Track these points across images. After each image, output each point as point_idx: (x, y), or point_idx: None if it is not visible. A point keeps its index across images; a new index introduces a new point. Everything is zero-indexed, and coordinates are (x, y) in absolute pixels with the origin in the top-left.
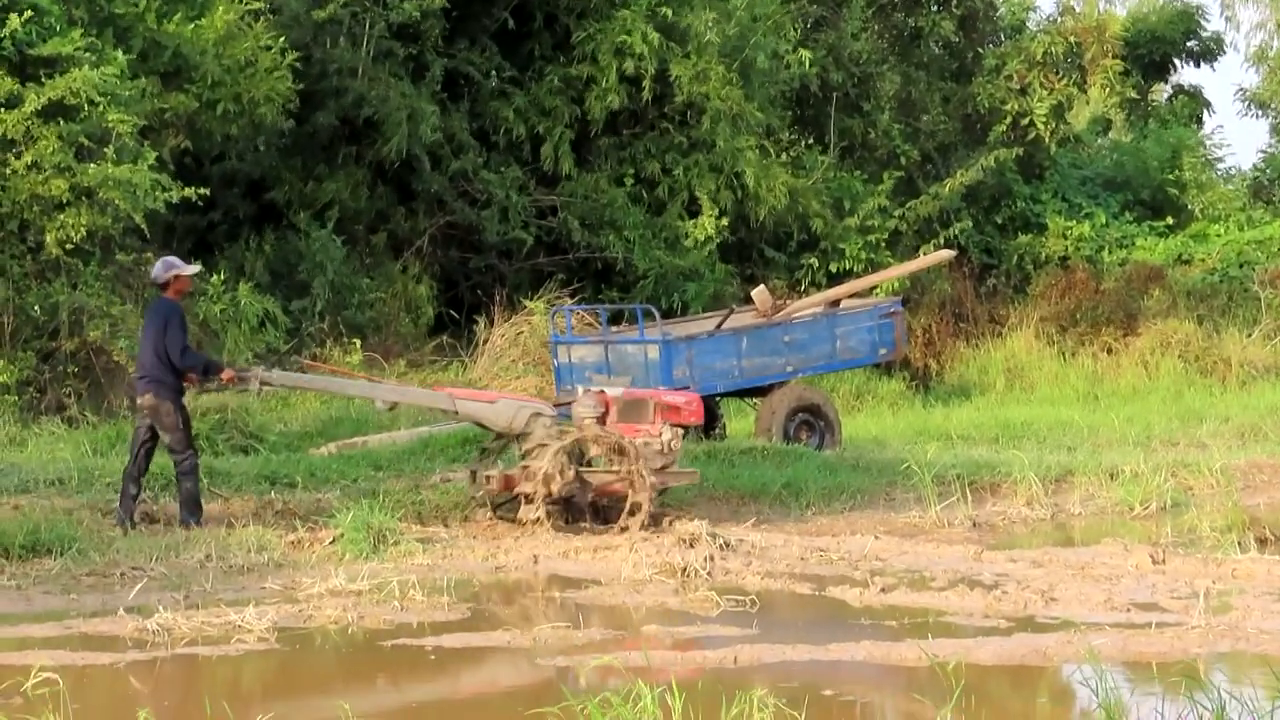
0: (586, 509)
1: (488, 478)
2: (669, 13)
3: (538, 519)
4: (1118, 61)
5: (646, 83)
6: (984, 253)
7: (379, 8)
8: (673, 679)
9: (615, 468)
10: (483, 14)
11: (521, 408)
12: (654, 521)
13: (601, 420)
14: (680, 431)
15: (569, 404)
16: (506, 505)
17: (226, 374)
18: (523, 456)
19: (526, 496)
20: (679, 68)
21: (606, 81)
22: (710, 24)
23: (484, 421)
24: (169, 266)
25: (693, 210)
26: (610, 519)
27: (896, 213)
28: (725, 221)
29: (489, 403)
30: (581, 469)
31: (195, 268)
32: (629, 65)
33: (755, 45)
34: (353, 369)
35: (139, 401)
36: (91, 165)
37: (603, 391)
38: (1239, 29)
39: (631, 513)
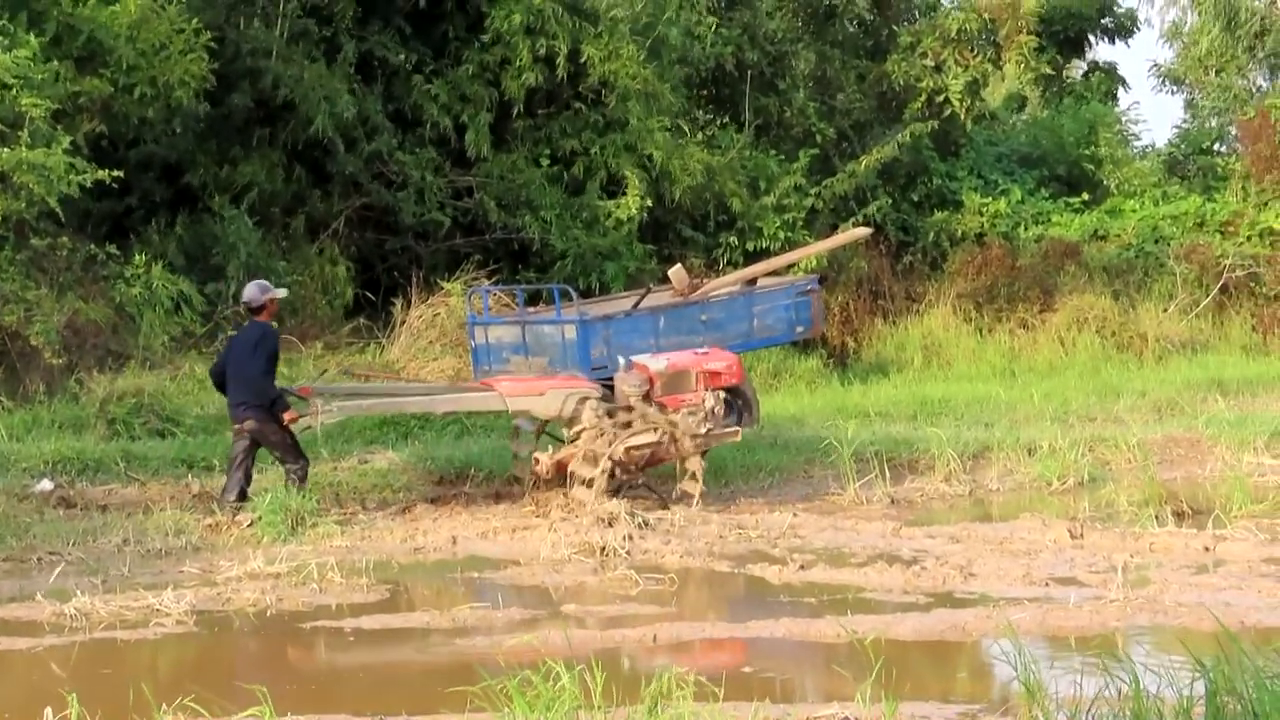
0: (635, 486)
1: (538, 459)
2: None
3: (597, 499)
4: (1032, 38)
5: (560, 61)
6: (900, 230)
7: None
8: (592, 658)
9: (660, 439)
10: None
11: (570, 394)
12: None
13: (646, 396)
14: (722, 395)
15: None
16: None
17: (289, 415)
18: (572, 440)
19: (583, 479)
20: (591, 47)
21: (520, 61)
22: (620, 1)
23: (533, 412)
24: (264, 289)
25: (610, 190)
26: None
27: (813, 191)
28: (647, 201)
29: (538, 394)
30: (631, 445)
31: (284, 291)
32: (542, 45)
33: (667, 23)
34: None
35: (239, 427)
36: (5, 149)
37: (646, 365)
38: (1153, 4)
39: (686, 487)
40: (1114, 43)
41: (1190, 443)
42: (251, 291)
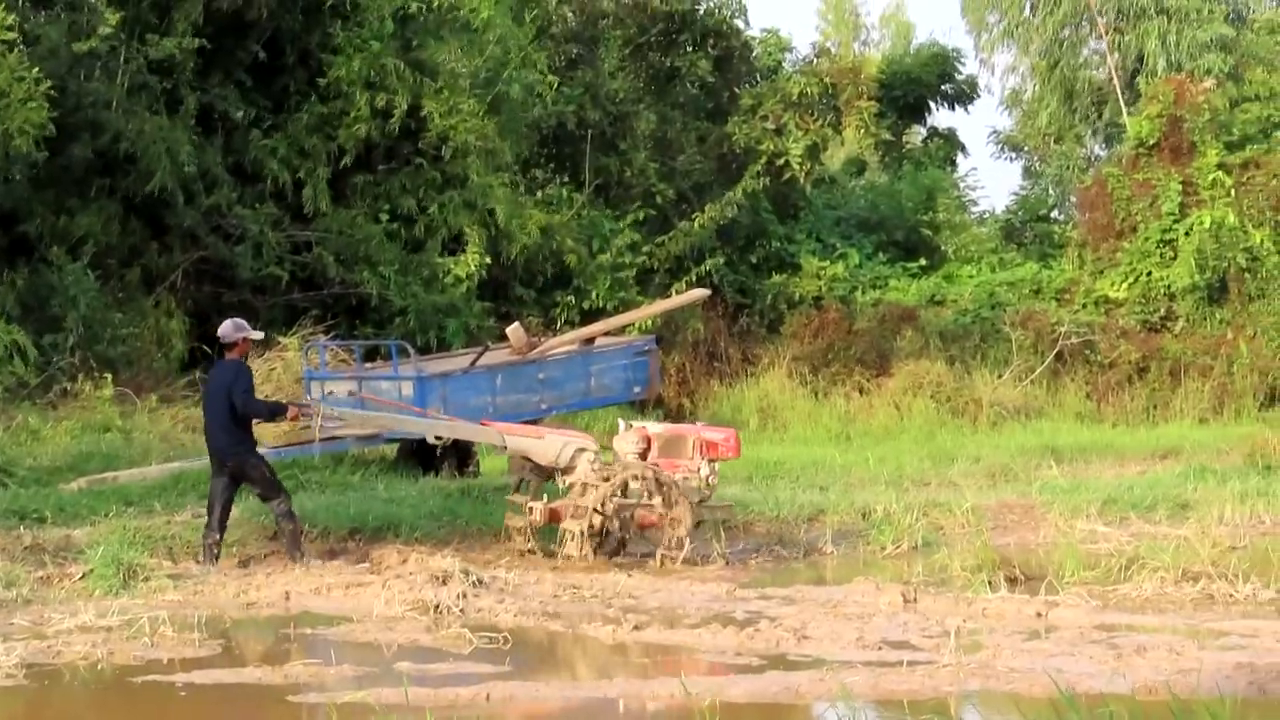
0: (625, 542)
1: (531, 509)
2: (418, 45)
3: (584, 554)
4: (873, 103)
5: (397, 114)
6: (738, 292)
7: (137, 43)
8: (427, 716)
9: (654, 502)
10: (236, 47)
11: (567, 443)
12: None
13: (643, 455)
14: (717, 466)
15: (328, 439)
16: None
17: (291, 412)
18: (565, 490)
19: (571, 532)
20: (430, 102)
21: (356, 113)
22: (459, 56)
23: (531, 455)
24: (239, 328)
25: (450, 247)
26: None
27: (645, 249)
28: (486, 259)
29: (537, 438)
30: (623, 502)
31: (259, 334)
32: (381, 98)
33: (508, 79)
34: (103, 404)
35: (225, 466)
36: None
37: (644, 428)
38: (993, 72)
39: (671, 550)
40: (954, 109)
41: (1024, 509)
42: (226, 328)
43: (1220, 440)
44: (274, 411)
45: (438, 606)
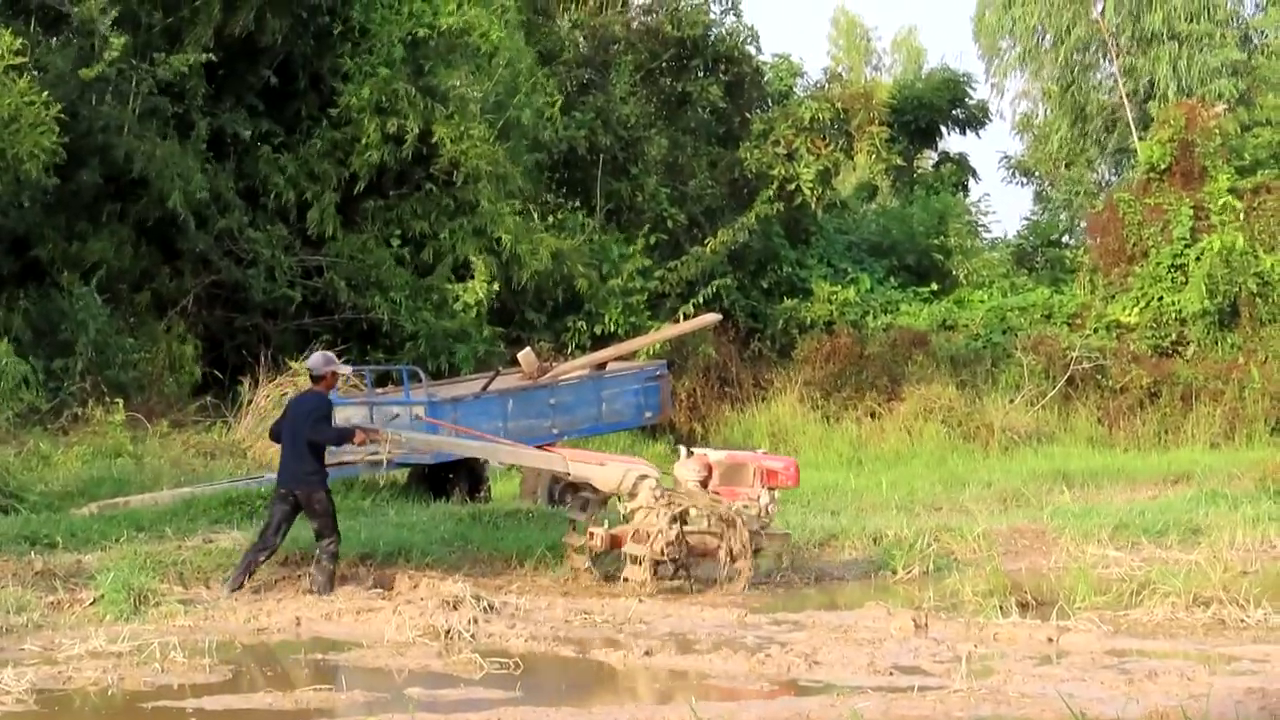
0: (685, 569)
1: (592, 533)
2: (429, 70)
3: (642, 581)
4: (884, 128)
5: (409, 140)
6: (749, 317)
7: (146, 65)
8: None
9: (714, 529)
10: (247, 72)
11: (629, 470)
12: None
13: (704, 483)
14: (777, 495)
15: (337, 464)
16: (603, 560)
17: (358, 437)
18: (627, 517)
19: (633, 557)
20: (442, 128)
21: (368, 139)
22: (470, 82)
23: (593, 482)
24: (329, 361)
25: (460, 272)
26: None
27: (657, 274)
28: (496, 285)
29: (599, 465)
30: (684, 530)
31: (349, 369)
32: (392, 124)
33: (519, 104)
34: (114, 429)
35: (284, 490)
36: None
37: (705, 455)
38: (1004, 97)
39: (731, 578)
40: (965, 134)
41: (1035, 534)
42: (315, 360)
43: (1232, 465)
44: (342, 436)
45: (449, 632)
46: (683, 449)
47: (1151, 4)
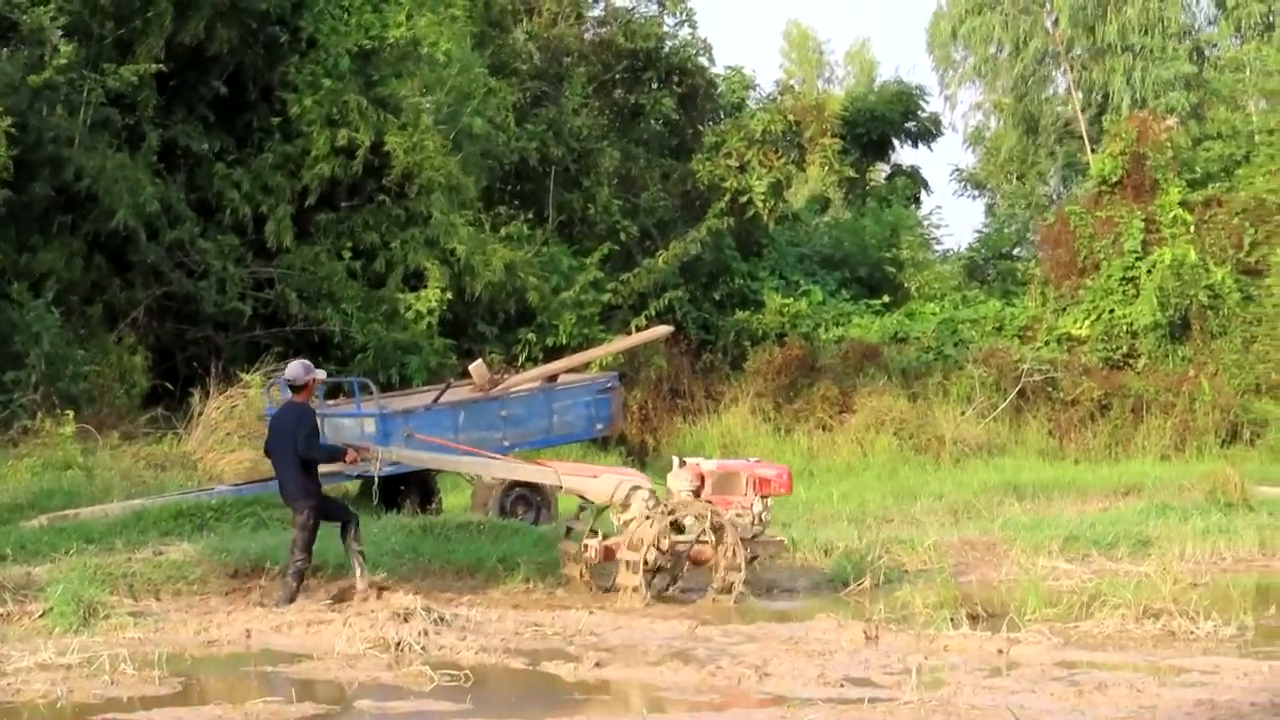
0: (677, 578)
1: (587, 545)
2: (380, 81)
3: (636, 588)
4: (836, 140)
5: (360, 153)
6: (701, 329)
7: (96, 74)
8: None
9: (707, 538)
10: (198, 83)
11: (621, 482)
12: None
13: (696, 493)
14: (770, 503)
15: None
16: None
17: (350, 455)
18: (622, 527)
19: (628, 565)
20: (394, 138)
21: (318, 151)
22: (422, 93)
23: (586, 494)
24: (308, 369)
25: (412, 284)
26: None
27: (609, 286)
28: (448, 295)
29: (592, 477)
30: (678, 540)
31: (323, 373)
32: (343, 136)
33: (472, 113)
34: (65, 441)
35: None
36: None
37: (698, 464)
38: (956, 109)
39: (725, 589)
40: (917, 146)
41: (986, 546)
42: (295, 370)
43: (1182, 477)
44: (333, 455)
45: (399, 644)
46: (675, 459)
47: (1106, 15)
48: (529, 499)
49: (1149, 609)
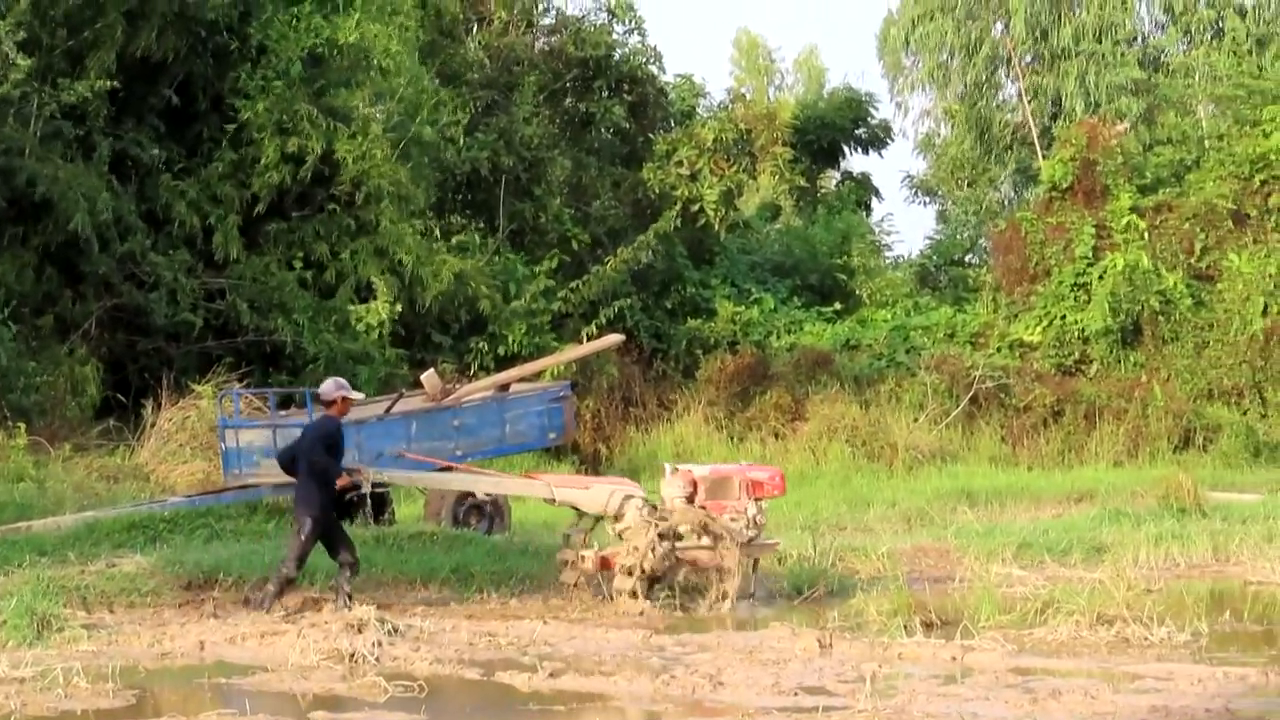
0: (675, 585)
1: (583, 556)
2: (330, 90)
3: (634, 593)
4: (787, 149)
5: (310, 160)
6: (653, 337)
7: (49, 88)
8: None
9: (703, 544)
10: (148, 93)
11: (614, 492)
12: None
13: (690, 499)
14: (764, 505)
15: (240, 488)
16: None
17: (341, 480)
18: (617, 537)
19: (625, 571)
20: (344, 147)
21: (268, 159)
22: (371, 102)
23: (580, 505)
24: (340, 387)
25: (362, 294)
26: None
27: (560, 294)
28: (398, 306)
29: (584, 489)
30: (673, 547)
31: (360, 395)
32: (292, 144)
33: (421, 122)
34: (17, 453)
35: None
36: None
37: (689, 471)
38: (907, 115)
39: (721, 596)
40: (868, 153)
41: (939, 553)
42: (327, 387)
43: (1135, 483)
44: (328, 472)
45: (353, 655)
46: (666, 466)
47: (1060, 20)
48: (482, 508)
49: (1103, 616)
